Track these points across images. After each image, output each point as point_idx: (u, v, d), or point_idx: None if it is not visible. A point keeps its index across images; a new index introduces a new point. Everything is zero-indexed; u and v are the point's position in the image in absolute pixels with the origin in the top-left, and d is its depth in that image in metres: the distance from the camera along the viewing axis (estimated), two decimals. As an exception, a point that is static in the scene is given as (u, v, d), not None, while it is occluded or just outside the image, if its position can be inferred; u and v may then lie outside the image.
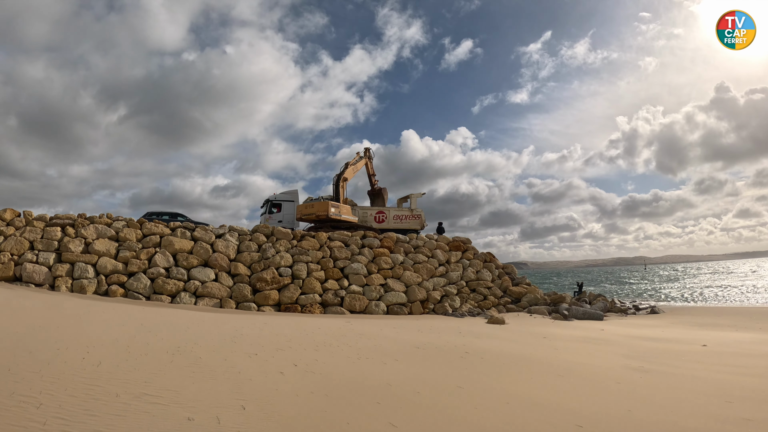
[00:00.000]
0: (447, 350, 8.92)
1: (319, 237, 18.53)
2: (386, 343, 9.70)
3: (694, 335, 12.64)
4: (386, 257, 18.96)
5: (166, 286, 15.64)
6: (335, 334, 10.76)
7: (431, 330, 12.56)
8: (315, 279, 17.12)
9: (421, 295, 18.33)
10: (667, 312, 20.87)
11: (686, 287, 44.47)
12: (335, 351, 8.43)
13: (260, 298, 16.15)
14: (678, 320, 17.25)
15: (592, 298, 22.67)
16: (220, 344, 8.01)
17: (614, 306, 21.16)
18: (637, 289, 44.14)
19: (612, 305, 21.26)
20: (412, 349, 8.89)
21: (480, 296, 19.99)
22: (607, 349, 9.94)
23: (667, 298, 33.32)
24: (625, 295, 37.87)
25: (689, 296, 33.67)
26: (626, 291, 42.99)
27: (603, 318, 17.43)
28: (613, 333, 12.99)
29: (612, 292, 40.39)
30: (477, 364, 7.57)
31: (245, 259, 17.00)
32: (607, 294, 37.83)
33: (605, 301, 21.45)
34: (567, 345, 10.42)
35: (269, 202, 22.49)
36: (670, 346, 10.39)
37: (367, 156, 24.72)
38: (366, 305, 17.19)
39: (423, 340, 10.39)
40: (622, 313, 19.83)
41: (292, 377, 5.92)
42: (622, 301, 25.41)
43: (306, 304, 16.46)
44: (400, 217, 24.05)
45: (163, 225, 17.26)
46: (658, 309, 20.74)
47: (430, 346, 9.37)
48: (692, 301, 30.47)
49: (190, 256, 16.54)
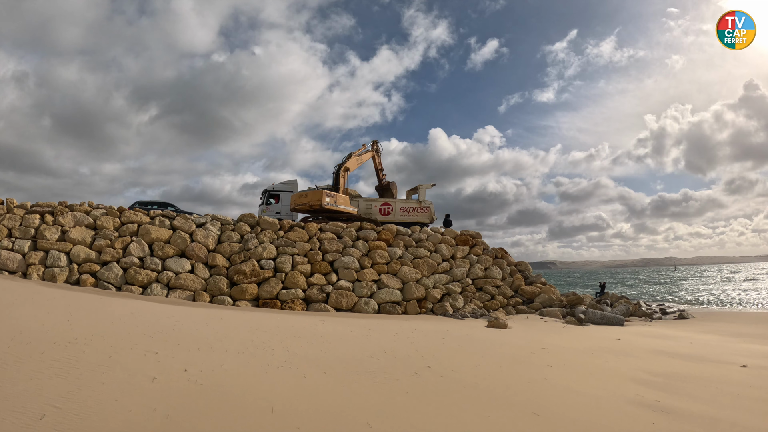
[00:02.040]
0: (401, 364, 6.88)
1: (308, 228, 16.78)
2: (338, 349, 7.81)
3: (729, 349, 9.93)
4: (383, 251, 16.95)
5: (138, 276, 14.41)
6: (288, 334, 8.95)
7: (411, 334, 10.48)
8: (299, 273, 15.39)
9: (419, 293, 16.19)
10: (697, 317, 17.75)
11: (718, 289, 39.81)
12: (260, 356, 6.73)
13: (237, 292, 14.61)
14: (709, 328, 14.30)
15: (614, 300, 19.69)
16: (129, 338, 6.82)
17: (638, 309, 18.25)
18: (665, 291, 39.83)
19: (636, 308, 18.35)
20: (359, 360, 6.93)
21: (487, 296, 17.59)
22: (618, 367, 7.53)
23: (697, 300, 29.57)
24: (653, 296, 34.11)
25: (722, 299, 29.83)
26: (654, 292, 38.85)
27: (624, 323, 14.66)
28: (632, 344, 10.43)
29: (639, 294, 36.63)
30: (422, 389, 5.50)
31: (225, 250, 15.52)
32: (634, 296, 34.15)
33: (628, 303, 18.47)
34: (569, 360, 8.09)
35: (267, 192, 21.03)
36: (700, 366, 7.83)
37: (374, 149, 22.73)
38: (354, 303, 15.28)
39: (387, 347, 8.38)
40: (646, 318, 16.94)
41: (153, 386, 4.57)
42: (648, 304, 22.23)
43: (287, 299, 14.76)
44: (407, 209, 21.93)
45: (143, 213, 16.09)
46: (686, 314, 17.69)
47: (386, 357, 7.36)
48: (725, 305, 26.85)
49: (167, 245, 15.25)
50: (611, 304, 18.73)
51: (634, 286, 51.84)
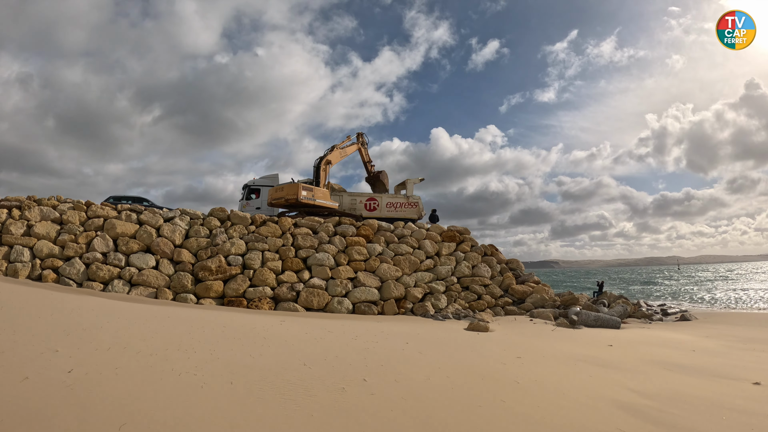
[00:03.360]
0: (335, 375, 5.53)
1: (282, 223, 15.50)
2: (272, 354, 6.50)
3: (737, 360, 8.42)
4: (361, 247, 15.60)
5: (99, 272, 13.26)
6: (228, 335, 7.64)
7: (373, 337, 9.11)
8: (269, 270, 14.11)
9: (398, 292, 14.80)
10: (701, 318, 16.14)
11: (722, 288, 37.75)
12: (173, 359, 5.57)
13: (201, 290, 13.38)
14: (714, 331, 12.71)
15: (611, 300, 18.10)
16: (40, 334, 5.94)
17: (638, 310, 16.73)
18: (667, 290, 37.84)
19: (635, 309, 16.83)
20: (285, 368, 5.59)
21: (473, 295, 16.14)
22: (601, 386, 6.09)
23: (701, 300, 27.77)
24: (655, 296, 32.26)
25: (726, 299, 27.98)
26: (656, 291, 36.93)
27: (620, 326, 13.14)
28: (624, 351, 8.95)
29: (640, 293, 34.82)
30: (337, 411, 4.13)
31: (192, 246, 14.30)
32: (636, 295, 32.30)
33: (626, 304, 16.87)
34: (543, 375, 6.65)
35: (247, 187, 19.80)
36: (703, 383, 6.35)
37: (360, 141, 21.36)
38: (327, 302, 13.96)
39: (334, 353, 7.03)
40: (645, 319, 15.40)
41: (20, 387, 3.73)
42: (649, 304, 20.55)
43: (254, 298, 13.49)
44: (394, 204, 20.56)
45: (110, 207, 14.97)
46: (689, 315, 16.08)
47: (322, 365, 6.02)
48: (730, 305, 25.07)
49: (132, 240, 14.08)
50: (608, 305, 17.15)
51: (636, 284, 49.77)
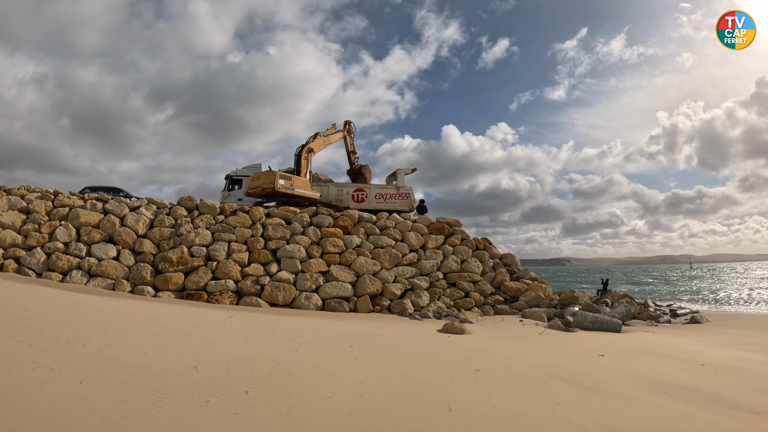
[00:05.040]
0: (215, 385, 4.06)
1: (253, 213, 14.23)
2: (164, 354, 5.12)
3: (756, 378, 6.49)
4: (337, 239, 14.15)
5: (59, 262, 12.34)
6: (138, 330, 6.32)
7: (319, 338, 7.59)
8: (233, 262, 12.86)
9: (373, 288, 13.28)
10: (713, 320, 13.90)
11: (736, 287, 34.30)
12: (23, 355, 4.21)
13: (160, 282, 12.25)
14: (727, 337, 10.54)
15: (615, 299, 15.97)
16: None
17: (644, 310, 14.64)
18: (678, 289, 34.52)
19: (641, 309, 14.75)
20: (161, 373, 4.18)
21: (460, 293, 14.43)
22: (567, 419, 4.40)
23: (714, 300, 24.87)
24: (665, 294, 29.47)
25: (742, 299, 25.11)
26: (666, 291, 33.84)
27: (620, 329, 11.16)
28: (616, 365, 7.10)
29: (649, 292, 31.94)
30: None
31: (155, 236, 13.21)
32: (644, 293, 29.43)
33: (630, 304, 14.70)
34: (494, 397, 4.98)
35: (230, 177, 18.69)
36: (713, 418, 4.53)
37: (346, 129, 19.86)
38: (294, 297, 12.59)
39: (248, 355, 5.56)
40: (651, 321, 13.33)
41: None
42: (657, 304, 18.20)
43: (215, 291, 12.26)
44: (384, 195, 19.02)
45: (77, 197, 14.11)
46: (700, 317, 13.78)
47: (215, 370, 4.61)
48: (746, 304, 22.44)
49: (94, 230, 13.11)
50: (611, 304, 15.07)
51: (644, 283, 46.22)
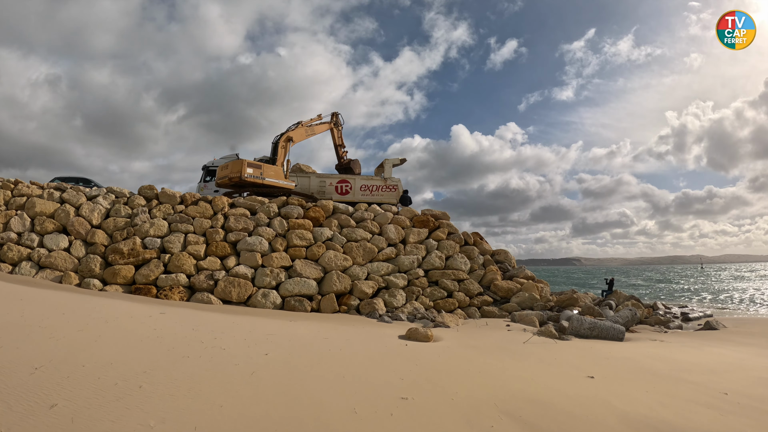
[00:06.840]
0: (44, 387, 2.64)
1: (216, 202, 12.98)
2: (25, 350, 3.77)
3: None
4: (305, 231, 12.72)
5: (9, 253, 11.41)
6: (37, 325, 5.08)
7: (239, 341, 6.12)
8: (188, 255, 11.62)
9: (341, 286, 11.77)
10: (730, 325, 11.70)
11: (753, 288, 31.10)
12: None
13: (109, 275, 11.12)
14: (750, 348, 8.26)
15: (621, 300, 13.86)
16: None
17: (652, 314, 12.64)
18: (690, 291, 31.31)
19: (650, 313, 12.74)
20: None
21: (442, 292, 12.73)
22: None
23: (730, 301, 22.23)
24: (676, 296, 26.73)
25: (760, 300, 22.36)
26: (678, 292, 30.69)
27: (623, 337, 9.21)
28: (609, 394, 5.06)
29: (660, 293, 29.04)
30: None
31: (109, 226, 12.14)
32: (653, 295, 26.57)
33: (636, 307, 12.55)
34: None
35: (206, 168, 17.60)
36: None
37: (333, 121, 18.43)
38: (249, 294, 11.22)
39: (112, 360, 4.18)
40: (660, 327, 11.31)
41: None
42: (667, 306, 15.91)
43: (165, 286, 11.03)
44: (370, 187, 17.52)
45: (36, 186, 13.27)
46: (716, 322, 11.47)
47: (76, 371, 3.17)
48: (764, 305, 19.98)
49: (48, 220, 12.16)
50: (616, 307, 13.00)
51: (653, 284, 42.60)
